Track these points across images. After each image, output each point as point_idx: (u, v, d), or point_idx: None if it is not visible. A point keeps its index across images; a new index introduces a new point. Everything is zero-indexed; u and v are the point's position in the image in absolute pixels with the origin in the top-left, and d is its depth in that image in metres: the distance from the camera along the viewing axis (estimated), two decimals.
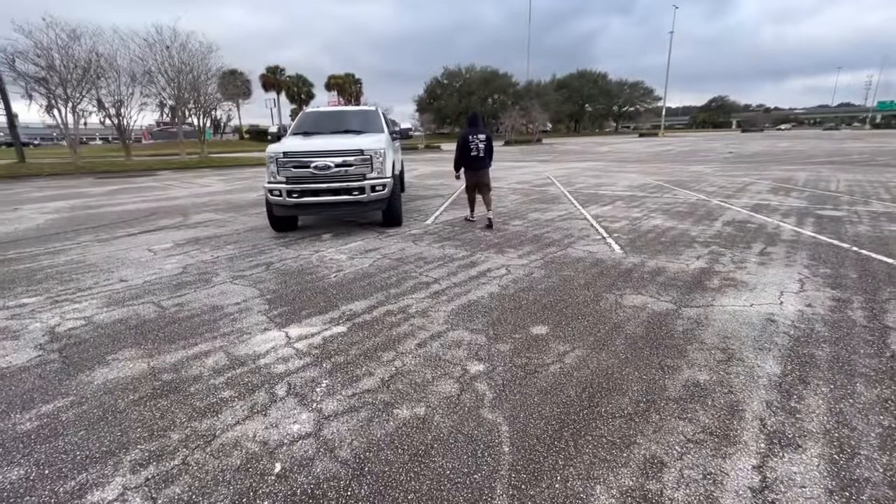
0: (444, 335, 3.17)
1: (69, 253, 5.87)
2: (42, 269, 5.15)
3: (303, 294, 4.09)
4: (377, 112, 7.76)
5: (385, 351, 2.97)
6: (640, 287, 3.98)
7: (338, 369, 2.75)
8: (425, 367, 2.75)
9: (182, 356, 2.99)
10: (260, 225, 7.32)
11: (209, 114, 27.75)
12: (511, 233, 6.25)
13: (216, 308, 3.83)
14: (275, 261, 5.21)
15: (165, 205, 9.97)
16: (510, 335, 3.14)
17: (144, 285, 4.49)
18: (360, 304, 3.79)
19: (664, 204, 8.23)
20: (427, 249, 5.49)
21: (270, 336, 3.25)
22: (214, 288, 4.34)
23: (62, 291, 4.38)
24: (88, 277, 4.80)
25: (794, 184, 10.85)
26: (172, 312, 3.76)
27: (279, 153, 5.95)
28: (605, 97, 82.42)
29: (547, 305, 3.64)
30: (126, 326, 3.50)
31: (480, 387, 2.51)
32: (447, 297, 3.89)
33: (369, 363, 2.82)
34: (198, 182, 15.23)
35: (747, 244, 5.31)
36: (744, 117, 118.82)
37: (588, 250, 5.22)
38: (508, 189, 11.23)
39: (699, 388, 2.43)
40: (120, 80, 22.45)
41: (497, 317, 3.45)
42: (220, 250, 5.76)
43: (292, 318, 3.55)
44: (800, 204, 7.90)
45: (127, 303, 4.02)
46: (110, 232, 7.16)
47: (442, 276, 4.48)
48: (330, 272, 4.72)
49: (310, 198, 5.97)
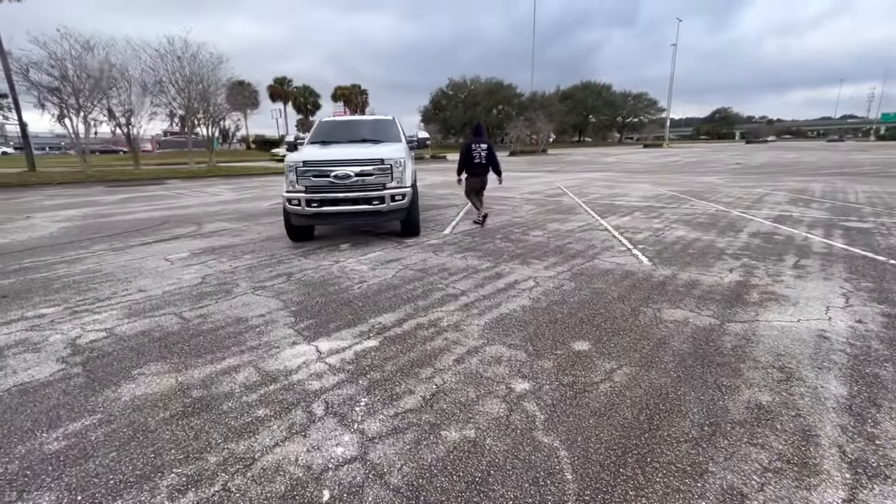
0: (482, 350, 3.04)
1: (85, 262, 5.79)
2: (59, 279, 5.06)
3: (328, 306, 3.98)
4: (394, 121, 7.71)
5: (422, 367, 2.85)
6: (677, 300, 3.85)
7: (375, 386, 2.63)
8: (467, 384, 2.62)
9: (210, 371, 2.87)
10: (275, 234, 7.24)
11: (218, 123, 27.95)
12: (532, 243, 6.14)
13: (240, 320, 3.72)
14: (295, 271, 5.11)
15: (178, 213, 9.93)
16: (551, 351, 3.01)
17: (164, 296, 4.39)
18: (389, 317, 3.67)
19: (684, 215, 8.11)
20: (449, 260, 5.38)
21: (300, 350, 3.13)
22: (236, 299, 4.24)
23: (81, 302, 4.28)
24: (106, 287, 4.71)
25: (811, 195, 10.73)
26: (196, 324, 3.65)
27: (298, 162, 5.88)
28: (609, 108, 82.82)
29: (584, 319, 3.51)
30: (149, 339, 3.39)
31: (529, 407, 2.38)
32: (478, 310, 3.76)
33: (407, 380, 2.70)
34: (207, 191, 15.23)
35: (779, 256, 5.17)
36: (747, 129, 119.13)
37: (615, 262, 5.10)
38: (522, 199, 11.14)
39: (764, 410, 2.29)
40: (131, 89, 22.66)
41: (534, 331, 3.32)
42: (238, 260, 5.67)
43: (320, 332, 3.43)
44: (823, 215, 7.77)
45: (148, 314, 3.91)
46: (124, 241, 7.09)
47: (469, 287, 4.37)
48: (353, 283, 4.61)
49: (329, 207, 5.89)
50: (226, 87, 26.22)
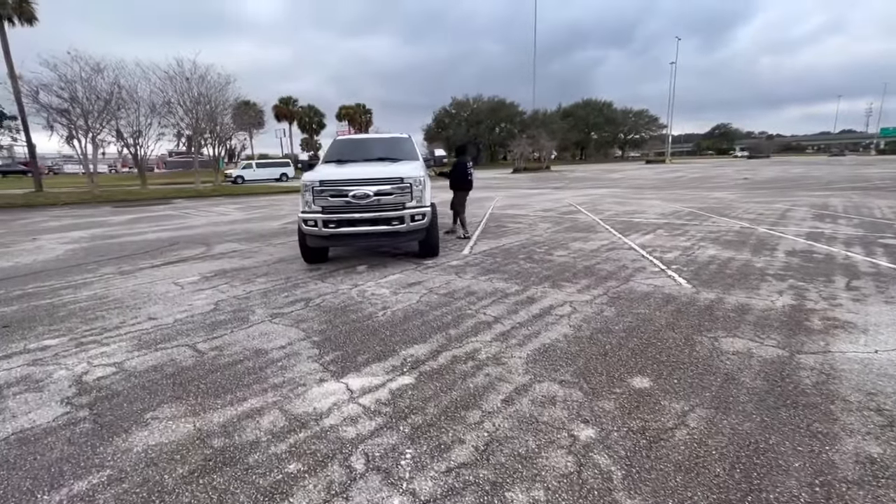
0: (531, 389, 2.74)
1: (92, 287, 5.54)
2: (64, 305, 4.80)
3: (353, 336, 3.69)
4: (410, 139, 7.54)
5: (467, 409, 2.55)
6: (732, 328, 3.55)
7: (419, 434, 2.33)
8: (523, 431, 2.32)
9: (232, 414, 2.58)
10: (288, 256, 6.99)
11: (224, 143, 28.08)
12: (558, 264, 5.86)
13: (259, 352, 3.43)
14: (313, 296, 4.84)
15: (186, 234, 9.72)
16: (608, 389, 2.71)
17: (176, 324, 4.11)
18: (421, 349, 3.38)
19: (709, 232, 7.84)
20: (474, 283, 5.10)
21: (329, 389, 2.84)
22: (253, 328, 3.96)
23: (87, 332, 4.01)
24: (114, 315, 4.44)
25: (833, 210, 10.46)
26: (211, 358, 3.36)
27: (315, 181, 5.67)
28: (611, 125, 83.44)
29: (635, 351, 3.21)
30: (161, 375, 3.11)
31: (601, 460, 2.07)
32: (517, 341, 3.47)
33: (454, 425, 2.39)
34: (215, 210, 15.08)
35: (827, 277, 4.88)
36: (748, 144, 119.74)
37: (652, 284, 4.81)
38: (536, 217, 10.91)
39: (879, 465, 1.98)
40: (139, 110, 22.81)
41: (583, 365, 3.02)
42: (252, 284, 5.41)
43: (349, 366, 3.14)
44: (855, 232, 7.48)
45: (159, 346, 3.63)
46: (133, 263, 6.85)
47: (501, 314, 4.08)
48: (376, 309, 4.33)
49: (347, 228, 5.65)
50: (232, 108, 26.41)
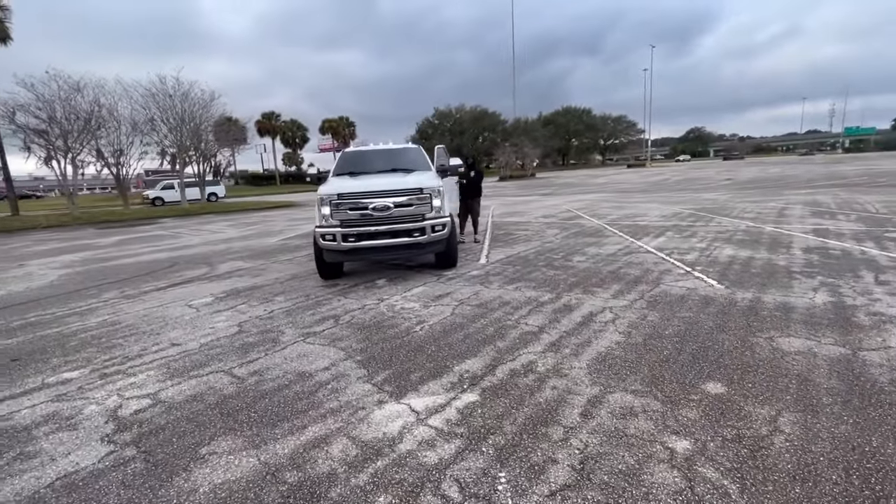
0: (605, 400, 2.64)
1: (98, 313, 5.26)
2: (74, 334, 4.53)
3: (398, 353, 3.55)
4: (420, 149, 7.46)
5: (547, 426, 2.43)
6: (783, 328, 3.53)
7: (506, 455, 2.20)
8: (614, 446, 2.22)
9: (296, 445, 2.41)
10: (300, 272, 6.79)
11: (209, 160, 27.57)
12: (582, 270, 5.82)
13: (304, 375, 3.26)
14: (340, 313, 4.67)
15: (184, 254, 9.40)
16: (685, 396, 2.63)
17: (203, 349, 3.90)
18: (474, 364, 3.26)
19: (717, 232, 7.93)
20: (504, 293, 5.01)
21: (392, 411, 2.69)
22: (287, 350, 3.78)
23: (108, 361, 3.77)
24: (133, 342, 4.20)
25: (827, 207, 10.74)
26: (253, 384, 3.18)
27: (332, 194, 5.52)
28: (591, 131, 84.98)
29: (696, 356, 3.15)
30: (205, 405, 2.91)
31: (709, 474, 1.98)
32: (569, 350, 3.38)
33: (539, 444, 2.28)
34: (207, 228, 14.69)
35: (853, 273, 4.94)
36: (722, 146, 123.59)
37: (685, 286, 4.79)
38: (540, 224, 10.91)
39: None
40: (120, 129, 22.24)
41: (649, 373, 2.94)
42: (271, 303, 5.20)
43: (405, 386, 3.00)
44: (858, 227, 7.66)
45: (192, 373, 3.42)
46: (136, 287, 6.55)
47: (543, 323, 3.99)
48: (412, 324, 4.19)
49: (367, 241, 5.50)
50: (213, 125, 25.92)
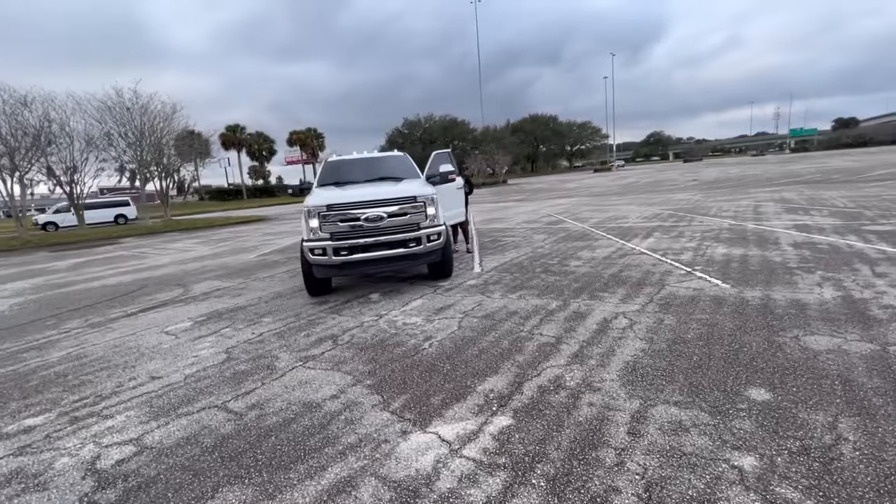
0: (649, 415, 2.46)
1: (61, 346, 4.72)
2: (34, 372, 4.01)
3: (411, 374, 3.27)
4: (406, 157, 7.21)
5: (596, 449, 2.22)
6: (804, 326, 3.47)
7: (560, 486, 1.97)
8: (675, 468, 2.02)
9: (318, 492, 2.10)
10: (284, 290, 6.39)
11: (172, 176, 26.32)
12: (581, 275, 5.70)
13: (311, 406, 2.93)
14: (338, 332, 4.34)
15: (152, 275, 8.76)
16: (732, 405, 2.48)
17: (189, 382, 3.50)
18: (498, 382, 3.03)
19: (703, 231, 8.03)
20: (509, 302, 4.81)
21: (420, 442, 2.42)
22: (286, 377, 3.43)
23: (78, 402, 3.31)
24: (105, 378, 3.74)
25: (797, 203, 11.15)
26: (254, 420, 2.83)
27: (321, 206, 5.20)
28: (558, 137, 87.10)
29: (728, 360, 3.02)
30: (201, 449, 2.55)
31: (789, 494, 1.81)
32: (595, 361, 3.20)
33: (593, 470, 2.06)
34: (174, 247, 13.88)
35: (849, 266, 5.01)
36: (681, 149, 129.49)
37: (690, 287, 4.72)
38: (525, 230, 10.83)
39: None
40: (73, 145, 20.94)
41: (686, 381, 2.79)
42: (258, 325, 4.81)
43: (428, 412, 2.73)
44: (836, 222, 7.92)
45: (180, 411, 3.04)
46: (102, 314, 5.98)
47: (559, 333, 3.80)
48: (419, 341, 3.92)
49: (360, 254, 5.20)
50: (175, 138, 24.79)
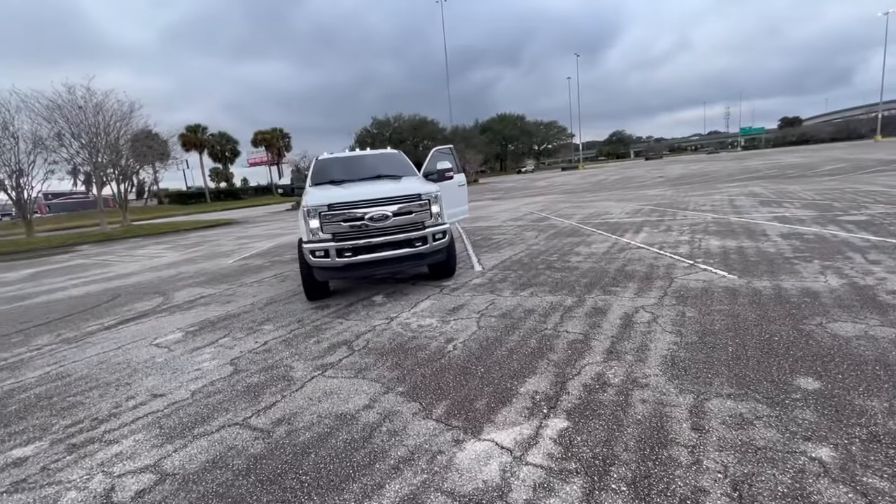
0: (707, 409, 2.42)
1: (34, 365, 4.27)
2: (10, 395, 3.60)
3: (444, 379, 3.12)
4: (401, 154, 7.01)
5: (666, 447, 2.15)
6: (825, 313, 3.55)
7: (643, 490, 1.88)
8: (755, 463, 1.97)
9: None
10: (277, 295, 6.06)
11: (130, 179, 24.81)
12: (587, 270, 5.69)
13: (345, 418, 2.73)
14: (349, 338, 4.12)
15: (124, 284, 8.15)
16: (787, 396, 2.47)
17: (197, 399, 3.21)
18: (539, 383, 2.92)
19: (690, 225, 8.24)
20: (521, 300, 4.72)
21: (478, 451, 2.27)
22: (307, 388, 3.20)
23: (72, 427, 2.97)
24: (97, 398, 3.39)
25: (767, 197, 11.65)
26: (285, 436, 2.60)
27: (321, 205, 4.94)
28: (525, 137, 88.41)
29: (764, 349, 3.04)
30: (232, 473, 2.31)
31: (878, 484, 1.79)
32: (632, 357, 3.15)
33: (671, 470, 1.98)
34: (141, 253, 13.05)
35: (841, 254, 5.22)
36: (641, 147, 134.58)
37: (700, 279, 4.79)
38: (512, 227, 10.82)
39: None
40: (18, 146, 19.37)
41: (730, 373, 2.77)
42: (259, 333, 4.52)
43: (476, 418, 2.59)
44: (811, 213, 8.29)
45: (195, 431, 2.76)
46: (75, 327, 5.48)
47: (584, 329, 3.74)
48: (441, 343, 3.77)
49: (364, 255, 4.98)
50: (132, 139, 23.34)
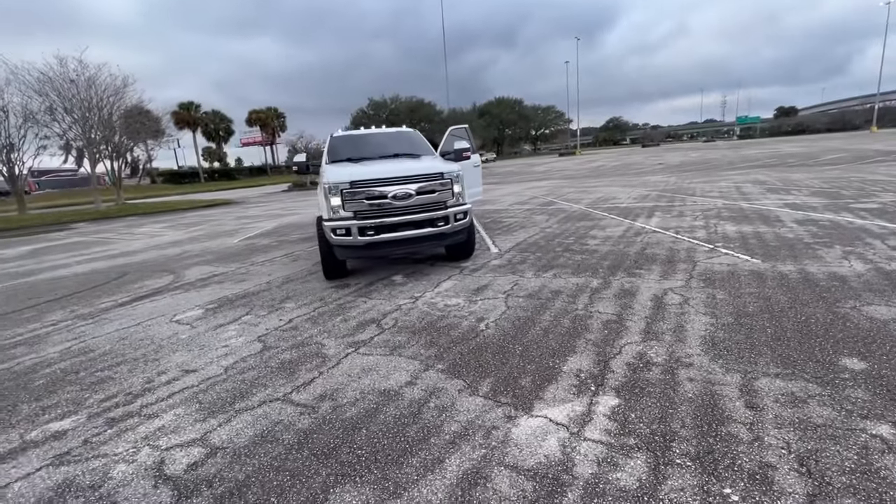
0: (756, 388, 2.43)
1: (53, 340, 4.20)
2: (34, 370, 3.53)
3: (482, 357, 3.10)
4: (418, 133, 6.89)
5: (724, 424, 2.15)
6: (855, 297, 3.57)
7: (709, 465, 1.89)
8: (817, 439, 1.99)
9: (446, 486, 1.91)
10: (293, 274, 5.99)
11: (123, 156, 24.26)
12: (605, 252, 5.67)
13: (389, 395, 2.72)
14: (377, 316, 4.09)
15: (130, 261, 8.02)
16: (835, 375, 2.48)
17: (231, 374, 3.17)
18: (581, 361, 2.91)
19: (702, 211, 8.23)
20: (546, 281, 4.70)
21: (533, 427, 2.27)
22: (344, 365, 3.18)
23: (107, 402, 2.93)
24: (126, 373, 3.34)
25: (773, 185, 11.67)
26: (331, 412, 2.58)
27: (344, 182, 4.84)
28: (523, 121, 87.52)
29: (803, 331, 3.05)
30: (284, 447, 2.29)
31: None
32: (671, 337, 3.15)
33: (735, 447, 1.99)
34: (141, 231, 12.84)
35: (860, 240, 5.25)
36: (638, 134, 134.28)
37: (724, 263, 4.80)
38: (520, 210, 10.77)
39: None
40: (9, 120, 18.83)
41: (773, 353, 2.78)
42: (282, 311, 4.47)
43: (523, 395, 2.58)
44: (821, 201, 8.32)
45: (236, 406, 2.73)
46: (88, 304, 5.39)
47: (617, 310, 3.73)
48: (472, 322, 3.75)
49: (387, 234, 4.91)
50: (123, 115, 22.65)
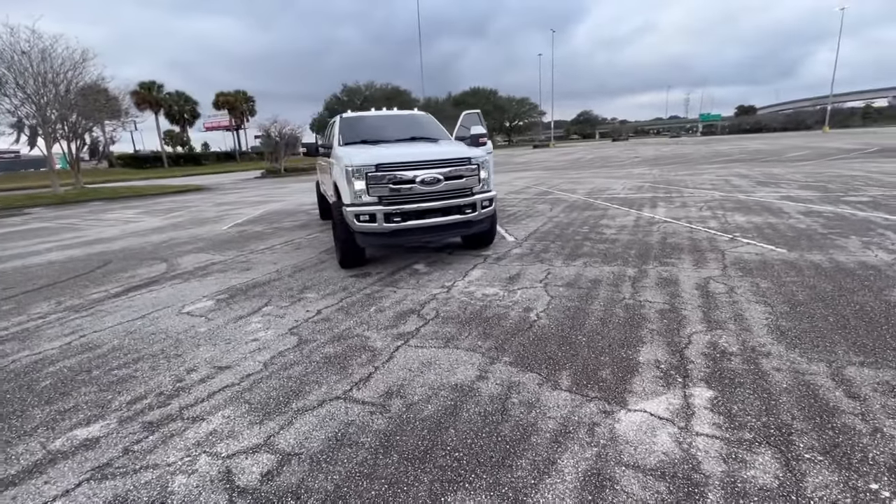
0: (848, 377, 2.38)
1: (47, 335, 3.75)
2: (36, 369, 3.13)
3: (549, 349, 2.94)
4: (432, 117, 6.60)
5: (834, 415, 2.09)
6: (894, 285, 3.64)
7: (846, 458, 1.81)
8: None
9: (571, 490, 1.76)
10: (301, 262, 5.65)
11: (81, 136, 22.51)
12: (626, 242, 5.62)
13: (463, 391, 2.52)
14: (413, 306, 3.87)
15: (109, 249, 7.40)
16: None
17: (274, 371, 2.89)
18: (655, 352, 2.81)
19: (705, 202, 8.35)
20: (579, 269, 4.59)
21: (637, 422, 2.13)
22: (399, 359, 2.95)
23: (136, 404, 2.60)
24: (149, 371, 2.99)
25: (759, 178, 12.03)
26: (404, 410, 2.37)
27: (369, 165, 4.54)
28: (498, 112, 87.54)
29: (864, 318, 3.06)
30: (367, 451, 2.07)
31: None
32: (735, 326, 3.09)
33: (858, 439, 1.92)
34: (111, 218, 11.95)
35: (872, 231, 5.41)
36: (607, 129, 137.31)
37: (751, 252, 4.82)
38: (519, 200, 10.66)
39: None
40: None
41: (846, 341, 2.76)
42: (305, 302, 4.17)
43: (610, 388, 2.44)
44: (815, 194, 8.58)
45: (292, 406, 2.47)
46: (76, 295, 4.89)
47: (666, 299, 3.66)
48: (519, 312, 3.58)
49: (414, 221, 4.66)
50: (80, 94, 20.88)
